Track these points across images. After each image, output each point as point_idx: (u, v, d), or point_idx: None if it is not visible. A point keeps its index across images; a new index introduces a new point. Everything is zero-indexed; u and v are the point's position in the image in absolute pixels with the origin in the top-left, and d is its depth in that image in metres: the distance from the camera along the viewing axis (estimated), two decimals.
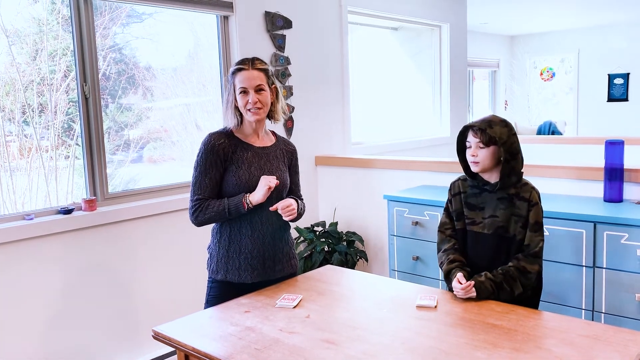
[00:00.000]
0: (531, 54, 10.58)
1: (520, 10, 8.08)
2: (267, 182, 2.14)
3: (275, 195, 2.24)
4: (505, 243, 2.10)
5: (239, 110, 2.20)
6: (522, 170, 2.12)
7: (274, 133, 2.37)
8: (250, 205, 2.14)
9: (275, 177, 2.18)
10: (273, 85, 2.24)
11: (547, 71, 10.51)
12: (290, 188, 2.37)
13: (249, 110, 2.17)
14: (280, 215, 2.31)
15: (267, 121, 2.31)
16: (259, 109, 2.17)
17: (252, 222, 2.21)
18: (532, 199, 2.08)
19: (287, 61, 4.02)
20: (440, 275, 3.16)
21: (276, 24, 3.94)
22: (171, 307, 3.31)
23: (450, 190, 2.26)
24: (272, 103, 2.24)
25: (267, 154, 2.26)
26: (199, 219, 2.18)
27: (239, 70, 2.17)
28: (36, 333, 2.81)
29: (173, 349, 2.42)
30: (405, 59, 5.84)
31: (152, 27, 3.53)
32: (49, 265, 2.84)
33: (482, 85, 10.39)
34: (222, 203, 2.16)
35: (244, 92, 2.16)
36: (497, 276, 2.02)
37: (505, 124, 2.10)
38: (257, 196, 2.13)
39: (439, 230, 2.26)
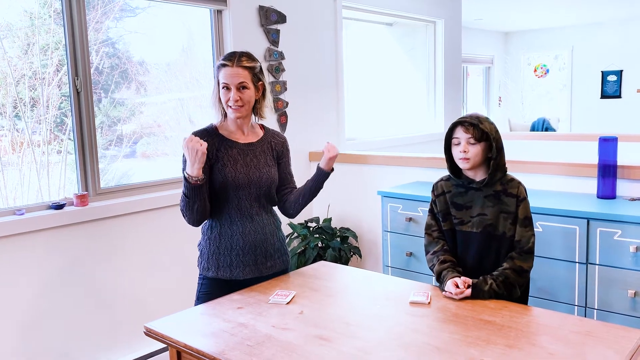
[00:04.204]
0: (525, 51, 10.59)
1: (515, 7, 8.09)
2: (188, 149, 2.01)
3: (265, 191, 2.23)
4: (494, 241, 2.08)
5: (222, 105, 2.19)
6: (506, 166, 2.12)
7: (262, 126, 2.33)
8: (192, 177, 2.04)
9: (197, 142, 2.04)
10: (260, 83, 2.20)
11: (541, 68, 10.53)
12: (284, 179, 2.34)
13: (230, 106, 2.15)
14: (272, 212, 2.31)
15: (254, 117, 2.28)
16: (240, 106, 2.14)
17: (243, 218, 2.20)
18: (519, 194, 2.07)
19: (281, 56, 4.01)
20: None
21: (270, 19, 3.92)
22: (163, 303, 3.29)
23: (433, 191, 2.23)
24: (257, 100, 2.21)
25: (253, 150, 2.23)
26: (185, 217, 2.16)
27: (223, 66, 2.14)
28: (27, 328, 2.79)
29: (164, 346, 2.41)
30: (400, 54, 5.83)
31: (145, 22, 3.51)
32: (39, 261, 2.83)
33: (476, 81, 10.40)
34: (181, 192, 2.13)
35: (226, 88, 2.14)
36: (500, 286, 1.99)
37: (490, 120, 2.11)
38: (189, 169, 2.05)
39: (425, 233, 2.23)
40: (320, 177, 2.26)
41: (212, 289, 2.21)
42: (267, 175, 2.22)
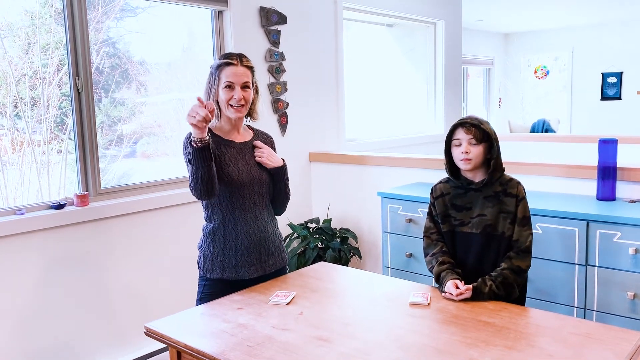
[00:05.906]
0: (525, 52, 10.59)
1: (515, 8, 8.09)
2: (193, 115, 1.96)
3: (265, 189, 2.24)
4: (494, 241, 2.09)
5: (219, 105, 2.18)
6: (503, 166, 2.13)
7: (250, 127, 2.36)
8: (194, 139, 1.99)
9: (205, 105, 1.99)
10: (255, 84, 2.23)
11: (541, 69, 10.53)
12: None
13: (232, 105, 2.14)
14: (271, 210, 2.31)
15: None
16: (242, 106, 2.16)
17: (247, 217, 2.20)
18: (519, 193, 2.09)
19: (282, 57, 4.01)
20: None
21: (271, 20, 3.92)
22: (163, 303, 3.30)
23: (431, 193, 2.24)
24: (252, 101, 2.23)
25: (250, 149, 2.26)
26: (192, 190, 2.08)
27: (228, 64, 2.14)
28: (27, 328, 2.80)
29: (164, 346, 2.41)
30: (400, 56, 5.83)
31: (146, 22, 3.51)
32: (40, 260, 2.83)
33: (476, 82, 10.40)
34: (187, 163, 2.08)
35: (230, 86, 2.13)
36: (499, 287, 2.00)
37: (488, 122, 2.14)
38: (193, 132, 2.00)
39: (424, 235, 2.24)
40: (273, 177, 2.27)
41: (215, 290, 2.20)
42: (266, 172, 2.25)
